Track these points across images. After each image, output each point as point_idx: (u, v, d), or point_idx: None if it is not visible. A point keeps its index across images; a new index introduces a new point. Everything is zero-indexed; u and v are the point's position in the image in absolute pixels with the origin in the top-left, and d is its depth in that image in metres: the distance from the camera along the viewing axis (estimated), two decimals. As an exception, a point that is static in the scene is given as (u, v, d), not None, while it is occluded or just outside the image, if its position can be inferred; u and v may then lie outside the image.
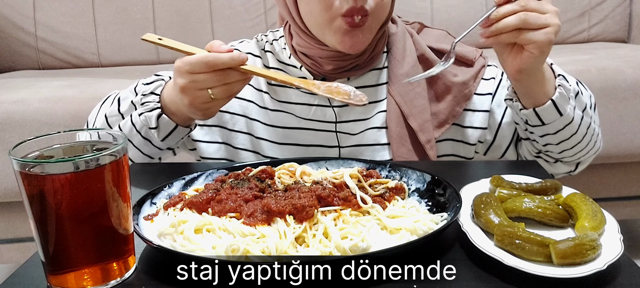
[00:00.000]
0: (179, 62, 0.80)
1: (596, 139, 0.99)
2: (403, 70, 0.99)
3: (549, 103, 0.87)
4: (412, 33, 1.04)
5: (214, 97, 0.80)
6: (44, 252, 0.56)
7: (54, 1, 2.29)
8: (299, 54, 1.00)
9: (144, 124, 0.91)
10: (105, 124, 0.97)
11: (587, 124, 0.93)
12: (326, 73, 0.99)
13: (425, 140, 0.97)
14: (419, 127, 0.97)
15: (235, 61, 0.79)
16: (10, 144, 1.65)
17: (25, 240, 1.81)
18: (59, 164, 0.54)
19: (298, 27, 0.96)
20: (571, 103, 0.89)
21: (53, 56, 2.32)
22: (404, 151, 0.97)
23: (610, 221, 0.64)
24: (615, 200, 1.94)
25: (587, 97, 0.95)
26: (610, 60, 1.82)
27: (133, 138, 0.94)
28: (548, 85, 0.87)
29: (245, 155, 1.03)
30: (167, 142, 0.94)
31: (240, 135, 1.03)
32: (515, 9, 0.78)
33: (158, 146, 0.95)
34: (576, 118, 0.90)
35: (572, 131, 0.91)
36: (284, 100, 1.02)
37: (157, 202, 0.73)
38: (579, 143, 0.94)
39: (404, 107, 0.98)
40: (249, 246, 0.58)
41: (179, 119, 0.90)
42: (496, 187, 0.74)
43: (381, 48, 1.01)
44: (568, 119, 0.89)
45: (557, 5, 0.82)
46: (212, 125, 1.03)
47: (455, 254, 0.63)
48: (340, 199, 0.67)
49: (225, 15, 2.30)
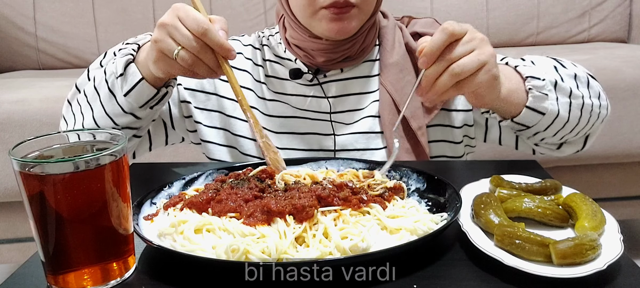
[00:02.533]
0: (181, 4, 0.80)
1: (598, 110, 0.93)
2: (393, 60, 1.02)
3: (525, 110, 0.84)
4: (402, 26, 1.07)
5: (177, 55, 0.77)
6: (44, 252, 0.56)
7: (54, 1, 2.29)
8: (293, 47, 1.03)
9: (113, 73, 0.88)
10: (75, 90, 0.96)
11: (578, 105, 0.89)
12: (319, 65, 1.01)
13: (417, 127, 0.99)
14: (410, 114, 0.99)
15: (222, 47, 0.78)
16: (10, 143, 1.65)
17: (25, 240, 1.82)
18: (59, 164, 0.54)
19: (290, 19, 1.00)
20: (551, 97, 0.85)
21: (53, 56, 2.32)
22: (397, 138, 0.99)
23: (610, 221, 0.64)
24: (615, 200, 1.94)
25: (570, 78, 0.89)
26: (610, 60, 1.82)
27: (101, 89, 0.90)
28: (517, 95, 0.84)
29: (244, 142, 1.04)
30: (130, 100, 0.88)
31: (239, 122, 1.04)
32: (442, 66, 0.73)
33: (121, 104, 0.89)
34: (563, 108, 0.87)
35: (563, 121, 0.88)
36: (280, 91, 1.04)
37: (157, 202, 0.73)
38: (576, 125, 0.90)
39: (395, 95, 1.00)
40: (249, 246, 0.58)
41: (144, 70, 0.86)
42: (496, 187, 0.74)
43: (372, 40, 1.04)
44: (553, 115, 0.86)
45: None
46: (212, 110, 1.05)
47: (455, 254, 0.63)
48: (340, 199, 0.67)
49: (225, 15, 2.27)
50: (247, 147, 1.04)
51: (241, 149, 1.04)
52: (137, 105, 0.89)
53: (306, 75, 1.02)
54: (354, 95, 1.02)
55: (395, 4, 2.27)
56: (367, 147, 1.01)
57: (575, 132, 0.92)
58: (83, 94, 0.94)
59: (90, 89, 0.92)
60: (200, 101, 1.05)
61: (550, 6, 2.32)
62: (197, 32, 0.76)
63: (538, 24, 2.33)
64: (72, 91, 0.97)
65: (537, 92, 0.84)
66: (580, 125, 0.91)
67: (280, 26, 1.06)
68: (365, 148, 1.01)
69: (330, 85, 1.02)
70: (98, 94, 0.91)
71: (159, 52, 0.80)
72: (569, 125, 0.90)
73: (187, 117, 1.05)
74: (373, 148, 1.01)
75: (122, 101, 0.89)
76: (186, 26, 0.77)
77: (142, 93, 0.87)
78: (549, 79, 0.85)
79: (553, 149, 0.98)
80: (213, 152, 1.06)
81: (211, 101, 1.05)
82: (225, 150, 1.05)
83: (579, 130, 0.92)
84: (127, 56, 0.87)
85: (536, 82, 0.84)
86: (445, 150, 1.04)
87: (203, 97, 1.05)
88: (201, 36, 0.77)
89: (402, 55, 1.03)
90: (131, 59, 0.87)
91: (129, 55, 0.87)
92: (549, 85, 0.85)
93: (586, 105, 0.90)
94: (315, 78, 1.02)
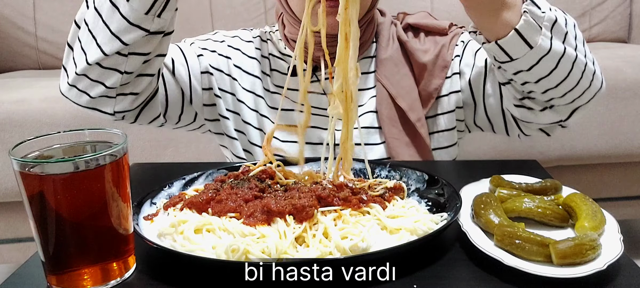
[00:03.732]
0: None
1: (591, 77, 0.84)
2: (387, 55, 1.04)
3: (513, 33, 0.77)
4: (396, 22, 1.09)
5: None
6: (44, 252, 0.56)
7: (54, 1, 2.29)
8: (291, 43, 1.05)
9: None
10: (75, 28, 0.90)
11: (571, 57, 0.81)
12: (317, 60, 1.01)
13: (416, 119, 1.00)
14: (408, 106, 1.00)
15: None
16: (10, 144, 1.65)
17: (25, 240, 1.81)
18: (59, 164, 0.54)
19: (288, 14, 1.01)
20: (544, 33, 0.77)
21: (53, 56, 2.32)
22: (395, 132, 1.01)
23: (610, 221, 0.64)
24: (615, 200, 1.94)
25: (570, 26, 0.82)
26: (611, 60, 1.82)
27: (102, 6, 0.83)
28: (510, 11, 0.76)
29: (251, 130, 1.06)
30: (134, 5, 0.80)
31: (248, 110, 1.06)
32: None
33: (126, 15, 0.81)
34: (554, 50, 0.79)
35: (550, 66, 0.80)
36: (281, 85, 1.06)
37: (157, 202, 0.73)
38: (564, 80, 0.82)
39: (391, 89, 1.01)
40: (249, 246, 0.58)
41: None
42: (496, 187, 0.74)
43: (369, 36, 1.06)
44: (542, 51, 0.78)
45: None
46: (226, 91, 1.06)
47: (455, 254, 0.63)
48: (340, 199, 0.67)
49: (225, 15, 2.30)
50: (254, 136, 1.06)
51: (248, 137, 1.06)
52: (143, 11, 0.81)
53: None
54: None
55: (396, 3, 2.26)
56: (366, 142, 1.02)
57: (562, 90, 0.84)
58: (84, 24, 0.88)
59: (90, 14, 0.86)
60: (217, 79, 1.06)
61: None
62: None
63: (538, 24, 2.33)
64: (72, 30, 0.91)
65: (531, 18, 0.77)
66: (570, 82, 0.83)
67: (279, 23, 1.08)
68: (364, 143, 1.02)
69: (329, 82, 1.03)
70: (100, 14, 0.84)
71: None
72: (556, 75, 0.82)
73: (207, 89, 1.06)
74: (372, 143, 1.02)
75: (126, 11, 0.81)
76: None
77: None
78: (548, 15, 0.77)
79: (535, 111, 0.91)
80: (228, 129, 1.07)
81: (225, 82, 1.06)
82: (235, 134, 1.07)
83: (566, 88, 0.84)
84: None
85: (534, 9, 0.77)
86: (442, 141, 1.04)
87: (219, 76, 1.06)
88: None
89: (396, 49, 1.04)
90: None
91: None
92: (547, 21, 0.77)
93: (579, 61, 0.82)
94: (314, 75, 1.04)
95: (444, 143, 1.05)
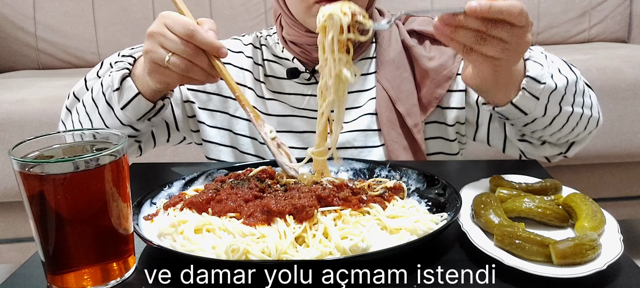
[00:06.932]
0: (167, 12, 0.80)
1: (586, 122, 0.90)
2: (389, 57, 1.03)
3: (509, 105, 0.82)
4: (398, 24, 1.08)
5: (168, 62, 0.77)
6: (44, 252, 0.56)
7: (54, 1, 2.29)
8: (289, 44, 1.04)
9: (109, 86, 0.88)
10: (74, 99, 0.96)
11: (567, 113, 0.86)
12: (316, 61, 1.01)
13: (413, 124, 0.99)
14: (406, 111, 1.00)
15: (211, 45, 0.77)
16: (10, 143, 1.65)
17: (25, 240, 1.82)
18: (58, 164, 0.54)
19: (286, 16, 1.01)
20: (541, 101, 0.82)
21: (53, 56, 2.32)
22: (394, 135, 1.00)
23: (610, 221, 0.64)
24: (615, 200, 1.94)
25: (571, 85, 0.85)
26: (610, 60, 1.82)
27: (99, 101, 0.90)
28: (508, 88, 0.81)
29: (244, 141, 1.05)
30: (127, 113, 0.88)
31: (241, 122, 1.05)
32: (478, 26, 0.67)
33: (119, 117, 0.89)
34: (550, 113, 0.84)
35: (544, 123, 0.86)
36: (278, 90, 1.05)
37: (157, 202, 0.73)
38: (560, 129, 0.88)
39: (392, 92, 1.01)
40: (248, 246, 0.58)
41: (142, 83, 0.86)
42: (496, 187, 0.74)
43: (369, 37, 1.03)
44: (537, 115, 0.84)
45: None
46: (215, 110, 1.05)
47: (455, 254, 0.63)
48: (340, 199, 0.67)
49: (225, 15, 2.30)
50: (246, 146, 1.04)
51: (240, 148, 1.05)
52: (135, 118, 0.89)
53: (303, 74, 1.03)
54: (351, 93, 1.03)
55: (396, 3, 2.26)
56: (365, 145, 1.01)
57: (557, 137, 0.90)
58: (82, 104, 0.94)
59: (88, 101, 0.92)
60: (202, 101, 1.05)
61: (550, 6, 2.32)
62: (185, 35, 0.76)
63: (538, 24, 2.33)
64: (71, 99, 0.98)
65: (528, 93, 0.80)
66: (563, 131, 0.89)
67: (277, 25, 1.07)
68: (363, 146, 1.01)
69: None
70: (96, 106, 0.91)
71: (152, 63, 0.80)
72: (549, 130, 0.88)
73: (191, 117, 1.06)
74: (371, 145, 1.01)
75: (120, 114, 0.89)
76: (174, 32, 0.77)
77: (139, 107, 0.88)
78: (548, 85, 0.81)
79: (535, 145, 0.95)
80: (213, 152, 1.06)
81: (213, 101, 1.05)
82: (226, 151, 1.06)
83: (560, 135, 0.90)
84: (123, 70, 0.87)
85: (533, 85, 0.80)
86: (441, 147, 1.04)
87: (204, 98, 1.05)
88: (189, 38, 0.77)
89: (399, 52, 1.03)
90: (127, 73, 0.87)
91: (124, 70, 0.87)
92: (546, 92, 0.81)
93: (575, 115, 0.87)
94: (312, 77, 1.03)
95: (445, 150, 1.04)
